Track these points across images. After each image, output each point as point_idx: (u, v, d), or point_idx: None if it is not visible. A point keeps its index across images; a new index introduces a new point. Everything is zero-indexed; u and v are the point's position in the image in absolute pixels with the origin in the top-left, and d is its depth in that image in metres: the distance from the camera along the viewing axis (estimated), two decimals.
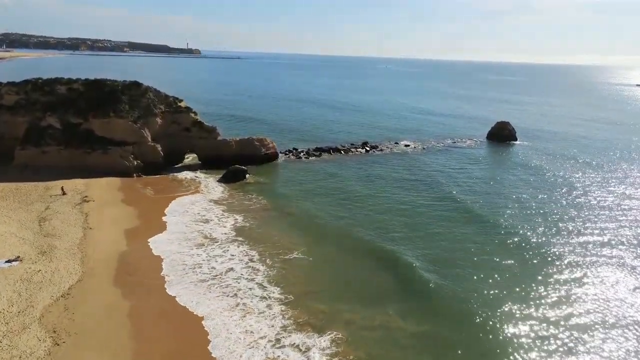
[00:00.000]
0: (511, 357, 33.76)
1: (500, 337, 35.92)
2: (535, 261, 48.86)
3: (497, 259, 48.81)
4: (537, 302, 40.90)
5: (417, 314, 38.69)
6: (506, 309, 39.49)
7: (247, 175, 77.01)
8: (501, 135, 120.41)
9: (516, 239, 53.99)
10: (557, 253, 50.67)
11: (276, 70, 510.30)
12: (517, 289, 42.83)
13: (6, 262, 42.72)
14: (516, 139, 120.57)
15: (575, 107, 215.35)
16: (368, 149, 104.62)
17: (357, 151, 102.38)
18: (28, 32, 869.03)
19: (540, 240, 53.87)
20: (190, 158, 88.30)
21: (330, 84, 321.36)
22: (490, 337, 36.00)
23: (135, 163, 75.47)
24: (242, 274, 44.13)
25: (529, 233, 55.82)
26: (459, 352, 34.01)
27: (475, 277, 44.62)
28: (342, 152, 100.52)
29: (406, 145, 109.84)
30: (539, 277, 45.28)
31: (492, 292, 42.20)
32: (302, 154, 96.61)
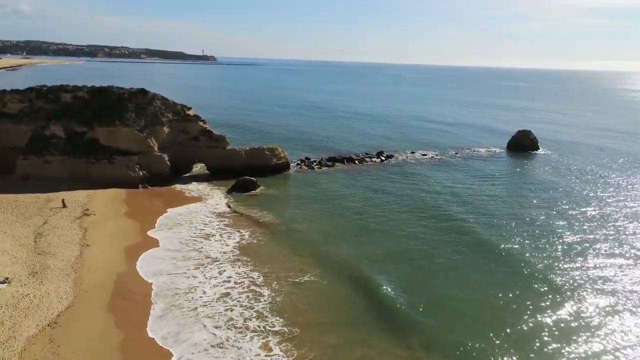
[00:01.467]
0: None
1: None
2: (562, 302, 43.86)
3: (516, 295, 44.06)
4: (547, 341, 36.48)
5: (437, 347, 34.72)
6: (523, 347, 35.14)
7: (257, 188, 73.61)
8: (522, 144, 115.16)
9: (536, 273, 48.06)
10: (575, 288, 45.02)
11: (289, 77, 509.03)
12: (533, 329, 38.13)
13: None
14: (538, 148, 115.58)
15: (593, 114, 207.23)
16: (383, 158, 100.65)
17: (371, 161, 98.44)
18: (48, 40, 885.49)
19: (559, 274, 47.32)
20: (198, 168, 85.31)
21: (343, 90, 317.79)
22: None
23: (141, 173, 72.59)
24: (239, 300, 39.73)
25: (551, 269, 49.40)
26: None
27: (495, 314, 40.05)
28: (357, 162, 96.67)
29: (423, 155, 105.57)
30: (555, 316, 40.34)
31: (508, 332, 37.67)
32: (314, 164, 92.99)
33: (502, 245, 53.64)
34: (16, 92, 75.93)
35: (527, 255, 51.62)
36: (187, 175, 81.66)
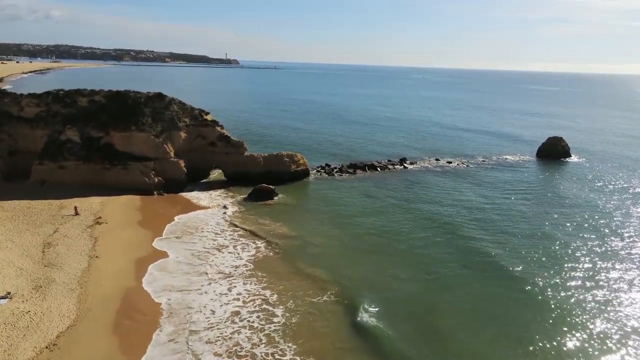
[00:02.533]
0: None
1: None
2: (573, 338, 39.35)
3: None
4: None
5: None
6: None
7: (275, 196, 70.86)
8: (553, 152, 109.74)
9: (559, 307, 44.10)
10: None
11: (310, 80, 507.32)
12: None
13: None
14: (570, 156, 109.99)
15: (628, 121, 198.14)
16: (406, 165, 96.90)
17: (394, 168, 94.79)
18: (77, 44, 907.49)
19: (585, 311, 41.96)
20: (215, 174, 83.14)
21: (367, 94, 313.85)
22: None
23: (157, 180, 70.70)
24: (249, 321, 36.62)
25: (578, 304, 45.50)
26: None
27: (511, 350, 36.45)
28: (378, 169, 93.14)
29: (448, 162, 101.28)
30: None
31: None
32: (334, 170, 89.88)
33: (531, 279, 47.33)
34: (33, 96, 75.01)
35: (554, 288, 47.03)
36: (203, 181, 79.60)
